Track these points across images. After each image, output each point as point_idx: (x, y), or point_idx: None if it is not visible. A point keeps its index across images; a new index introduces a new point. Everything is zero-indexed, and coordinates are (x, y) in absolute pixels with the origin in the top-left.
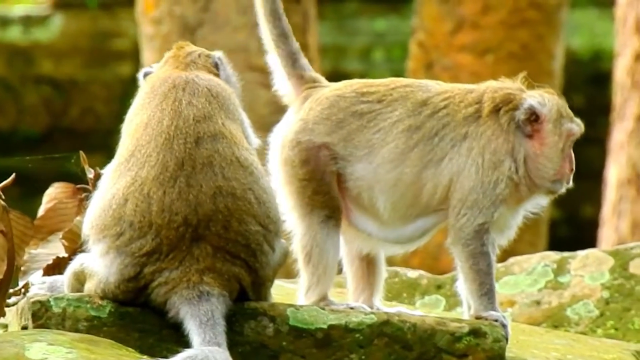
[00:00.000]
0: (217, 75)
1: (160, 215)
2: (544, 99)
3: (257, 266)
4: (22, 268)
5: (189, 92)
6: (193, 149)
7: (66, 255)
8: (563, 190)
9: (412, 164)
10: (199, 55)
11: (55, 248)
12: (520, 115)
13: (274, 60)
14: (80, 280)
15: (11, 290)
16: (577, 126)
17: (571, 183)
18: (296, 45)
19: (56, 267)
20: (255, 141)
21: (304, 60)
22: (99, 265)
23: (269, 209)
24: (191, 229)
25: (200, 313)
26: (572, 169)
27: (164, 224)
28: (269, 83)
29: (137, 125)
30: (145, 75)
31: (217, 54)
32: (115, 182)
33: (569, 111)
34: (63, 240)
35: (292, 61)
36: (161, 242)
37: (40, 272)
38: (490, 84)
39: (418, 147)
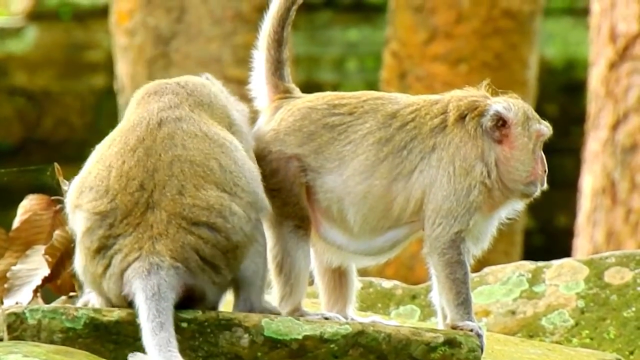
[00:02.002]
0: None
1: (118, 180)
2: (509, 103)
3: (228, 228)
4: (5, 285)
5: (159, 93)
6: (155, 129)
7: (48, 270)
8: (538, 192)
9: (381, 176)
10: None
11: (36, 263)
12: (487, 122)
13: (259, 60)
14: None
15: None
16: (545, 127)
17: (545, 185)
18: (286, 55)
19: (44, 286)
20: (249, 140)
21: (286, 71)
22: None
23: (238, 177)
24: (147, 194)
25: (147, 287)
26: (545, 170)
27: (120, 188)
28: (243, 94)
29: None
30: None
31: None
32: (84, 167)
33: (536, 114)
34: (47, 257)
35: (275, 69)
36: (116, 207)
37: (26, 290)
38: (455, 93)
39: (388, 159)
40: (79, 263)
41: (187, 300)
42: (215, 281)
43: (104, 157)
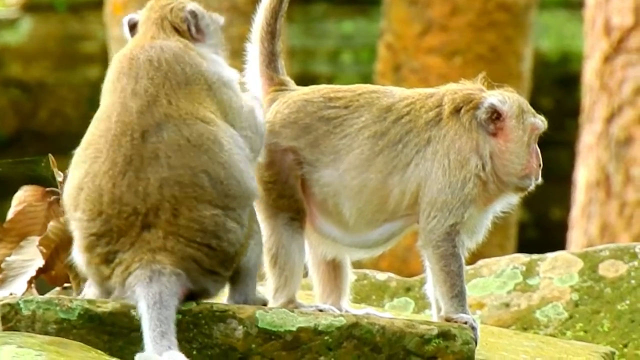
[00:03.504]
0: (187, 33)
1: (111, 205)
2: (504, 96)
3: (224, 246)
4: None
5: (133, 76)
6: (140, 144)
7: (43, 262)
8: (532, 186)
9: (377, 170)
10: (171, 10)
11: (30, 254)
12: (482, 114)
13: (253, 53)
14: None
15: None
16: (540, 121)
17: (540, 179)
18: (279, 47)
19: (38, 277)
20: (231, 75)
21: (280, 63)
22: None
23: (229, 186)
24: (141, 217)
25: (149, 295)
26: (539, 164)
27: (114, 214)
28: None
29: (96, 115)
30: (130, 23)
31: (190, 6)
32: (74, 169)
33: (531, 107)
34: (41, 248)
35: (269, 61)
36: (111, 229)
37: (21, 281)
38: (450, 86)
39: (383, 153)
40: (81, 260)
41: (189, 297)
42: (218, 280)
43: (93, 172)
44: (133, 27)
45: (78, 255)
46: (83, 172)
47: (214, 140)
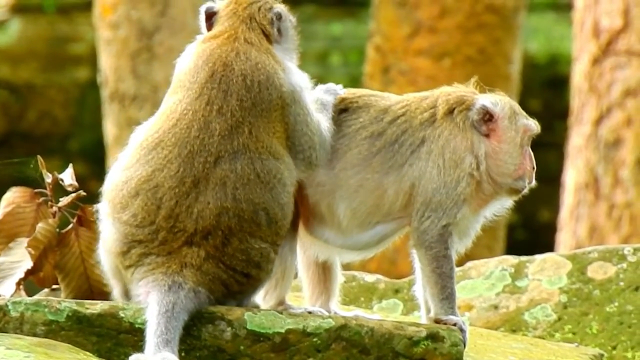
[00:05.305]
0: (270, 35)
1: (166, 220)
2: (496, 99)
3: (262, 275)
4: None
5: (223, 89)
6: (210, 168)
7: (31, 263)
8: (526, 189)
9: (373, 170)
10: (259, 9)
11: (19, 256)
12: (474, 115)
13: None
14: None
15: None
16: (533, 123)
17: (534, 182)
18: None
19: (27, 279)
20: (302, 84)
21: None
22: (101, 224)
23: (282, 227)
24: (187, 234)
25: (162, 303)
26: (533, 167)
27: (167, 227)
28: None
29: (170, 111)
30: (208, 12)
31: (276, 8)
32: (132, 165)
33: (523, 111)
34: (30, 249)
35: None
36: (155, 238)
37: (9, 282)
38: (444, 89)
39: (380, 153)
40: (109, 263)
41: None
42: (237, 299)
43: (157, 182)
44: (209, 16)
45: (106, 256)
46: (144, 175)
47: (279, 179)
